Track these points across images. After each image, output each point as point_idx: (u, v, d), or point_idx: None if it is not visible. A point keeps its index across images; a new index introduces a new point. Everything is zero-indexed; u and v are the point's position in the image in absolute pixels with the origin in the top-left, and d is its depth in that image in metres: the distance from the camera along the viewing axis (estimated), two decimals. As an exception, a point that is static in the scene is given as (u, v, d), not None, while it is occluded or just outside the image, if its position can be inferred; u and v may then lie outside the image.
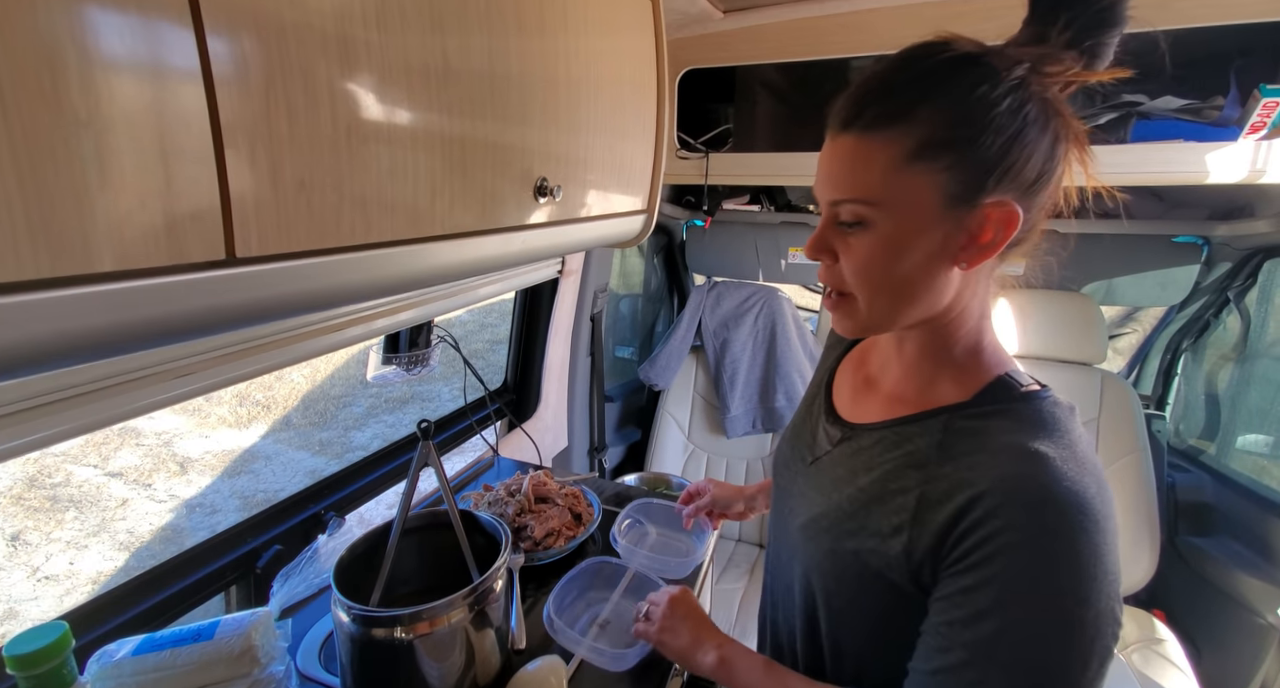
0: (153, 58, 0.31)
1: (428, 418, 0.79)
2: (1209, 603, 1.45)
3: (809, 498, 0.58)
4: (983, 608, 0.42)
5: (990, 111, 0.42)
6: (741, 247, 2.00)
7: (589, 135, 0.79)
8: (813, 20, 1.19)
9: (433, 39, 0.50)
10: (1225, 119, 1.04)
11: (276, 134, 0.38)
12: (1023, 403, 0.48)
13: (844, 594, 0.53)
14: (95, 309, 0.30)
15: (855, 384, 0.62)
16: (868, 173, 0.45)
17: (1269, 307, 1.58)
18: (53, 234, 0.28)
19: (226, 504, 4.30)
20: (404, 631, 0.63)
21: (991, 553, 0.42)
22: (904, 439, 0.52)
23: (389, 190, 0.48)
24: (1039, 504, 0.41)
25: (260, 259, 0.38)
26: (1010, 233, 0.44)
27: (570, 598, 0.88)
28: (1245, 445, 1.63)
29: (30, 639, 0.52)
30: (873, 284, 0.48)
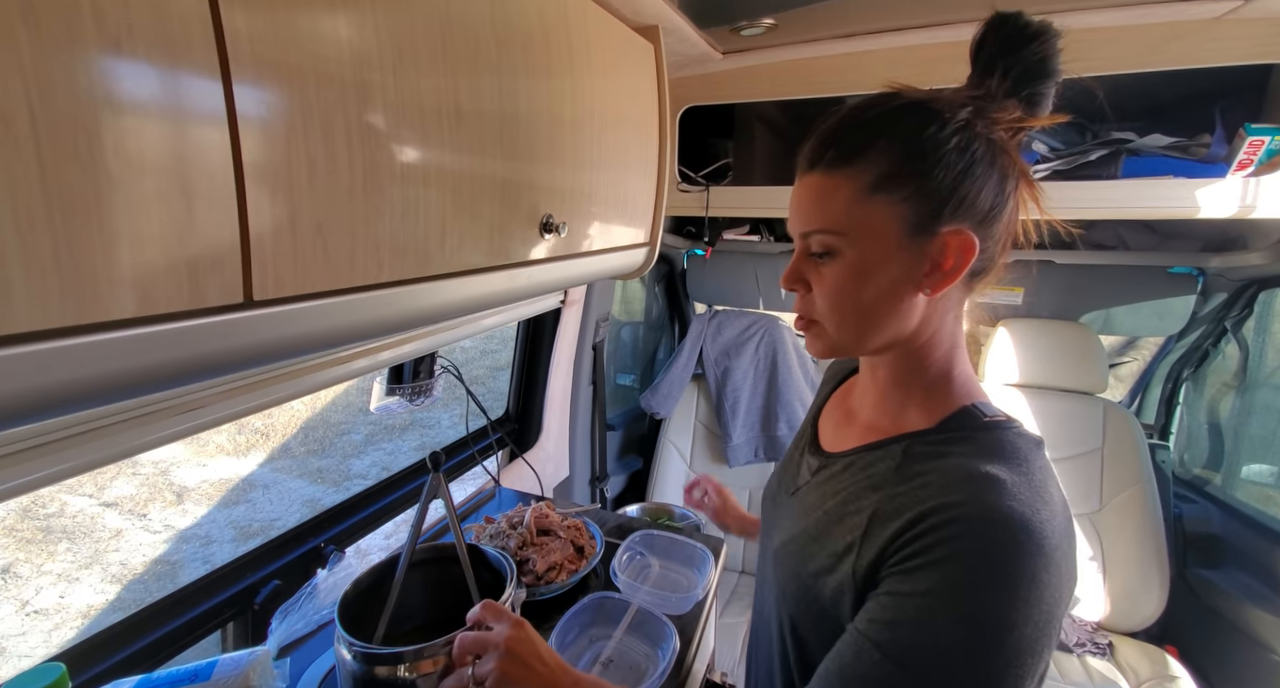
0: (182, 114, 0.32)
1: (427, 446, 0.79)
2: (1223, 638, 1.42)
3: (784, 526, 0.59)
4: (906, 615, 0.42)
5: (939, 148, 0.45)
6: (742, 275, 2.03)
7: (593, 172, 0.81)
8: (807, 61, 1.23)
9: (445, 81, 0.52)
10: (1213, 156, 1.07)
11: (297, 182, 0.39)
12: (985, 432, 0.49)
13: (806, 622, 0.53)
14: (118, 354, 0.31)
15: (838, 417, 0.64)
16: (833, 205, 0.48)
17: (1266, 336, 1.59)
18: (82, 283, 0.29)
19: (222, 535, 4.23)
20: (407, 669, 0.62)
21: (925, 563, 0.42)
22: (869, 464, 0.53)
23: (401, 231, 0.49)
24: (980, 519, 0.41)
25: (276, 301, 0.39)
26: (969, 259, 0.47)
27: (572, 635, 0.86)
28: (1250, 476, 1.62)
29: (28, 681, 0.51)
30: (842, 310, 0.50)
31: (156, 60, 0.31)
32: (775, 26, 1.07)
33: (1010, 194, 0.48)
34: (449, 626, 0.65)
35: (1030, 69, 0.47)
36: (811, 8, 0.98)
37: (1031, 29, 0.47)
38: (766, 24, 1.05)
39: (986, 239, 0.48)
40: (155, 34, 0.30)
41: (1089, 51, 1.05)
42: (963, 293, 0.52)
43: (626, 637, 0.87)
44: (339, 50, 0.42)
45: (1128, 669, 1.42)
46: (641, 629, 0.88)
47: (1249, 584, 1.39)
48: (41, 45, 0.27)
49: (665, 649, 0.83)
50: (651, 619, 0.88)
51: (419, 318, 0.55)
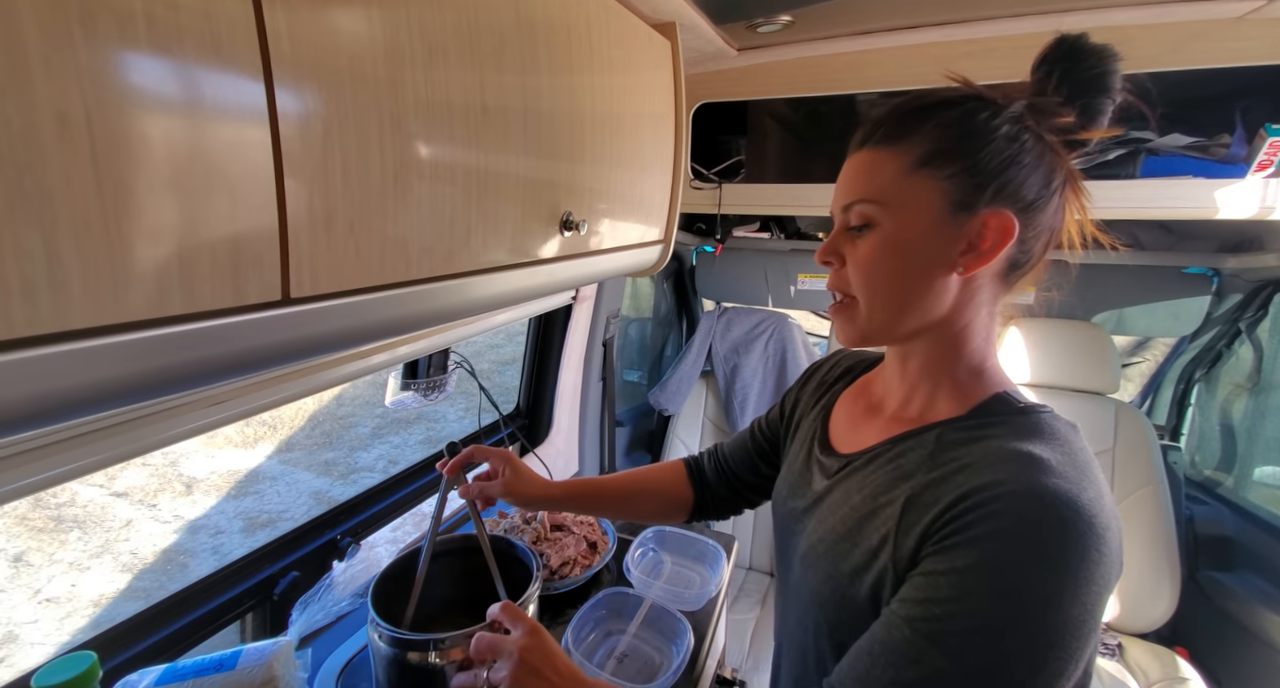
0: (228, 117, 0.33)
1: (434, 439, 0.80)
2: (1233, 641, 1.41)
3: (808, 530, 0.58)
4: (940, 592, 0.41)
5: (990, 133, 0.47)
6: (752, 273, 2.02)
7: (611, 169, 0.82)
8: (822, 58, 1.23)
9: (472, 79, 0.52)
10: (1232, 157, 1.06)
11: (332, 182, 0.39)
12: (1020, 416, 0.48)
13: (844, 626, 0.50)
14: (165, 350, 0.32)
15: (855, 415, 0.62)
16: (879, 177, 0.49)
17: (1281, 339, 1.58)
18: (134, 281, 0.30)
19: (231, 525, 4.28)
20: (438, 656, 0.63)
21: (963, 540, 0.41)
22: (897, 455, 0.52)
23: (428, 230, 0.50)
24: (1024, 496, 0.40)
25: (311, 299, 0.40)
26: (1006, 241, 0.47)
27: (587, 629, 0.87)
28: (1263, 478, 1.61)
29: (60, 670, 0.52)
30: (874, 283, 0.50)
31: (204, 63, 0.31)
32: (792, 23, 1.06)
33: (1056, 191, 0.49)
34: (477, 612, 0.66)
35: (1087, 81, 0.48)
36: (828, 4, 0.98)
37: (1092, 47, 0.49)
38: (783, 21, 1.05)
39: (1026, 228, 0.48)
40: (202, 38, 0.31)
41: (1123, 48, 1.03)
42: (998, 287, 0.52)
43: (640, 632, 0.88)
44: (374, 50, 0.42)
45: (1137, 671, 1.42)
46: (655, 625, 0.89)
47: (1261, 587, 1.39)
48: (97, 48, 0.27)
49: (680, 646, 0.84)
50: (665, 615, 0.89)
51: (443, 314, 0.56)
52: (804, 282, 2.02)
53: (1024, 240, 0.48)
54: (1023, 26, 1.06)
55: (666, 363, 2.41)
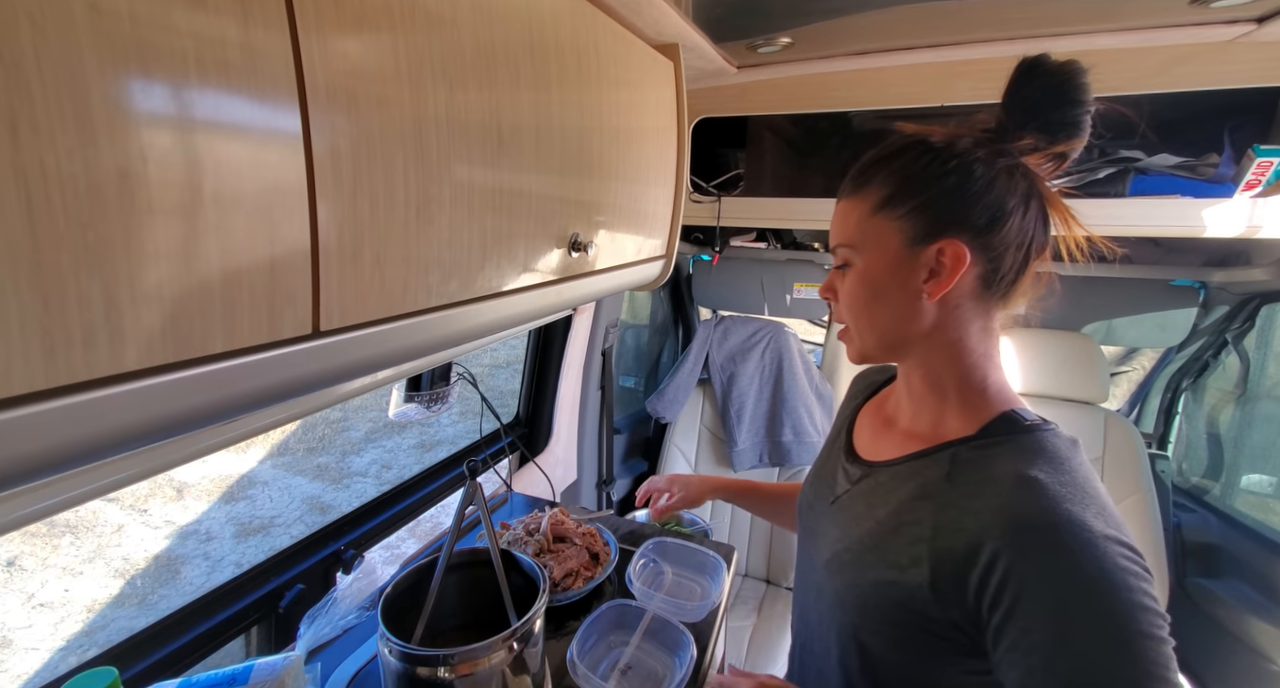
0: (270, 160, 0.34)
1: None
2: (1221, 647, 1.44)
3: (831, 535, 0.62)
4: (1048, 648, 0.43)
5: (933, 174, 0.53)
6: (748, 282, 2.05)
7: (618, 188, 0.83)
8: (820, 76, 1.25)
9: (489, 110, 0.54)
10: (1220, 176, 1.09)
11: (360, 216, 0.41)
12: (1025, 435, 0.52)
13: (869, 627, 0.55)
14: (207, 387, 0.33)
15: (875, 426, 0.67)
16: (849, 223, 0.58)
17: (1268, 350, 1.62)
18: (180, 321, 0.31)
19: (222, 531, 4.25)
20: (447, 671, 0.64)
21: (1020, 592, 0.45)
22: (915, 473, 0.56)
23: (447, 257, 0.51)
24: (1037, 530, 0.45)
25: (339, 330, 0.41)
26: (960, 266, 0.53)
27: (591, 642, 0.88)
28: (1249, 486, 1.64)
29: (82, 685, 0.53)
30: (856, 313, 0.59)
31: (248, 99, 0.33)
32: (791, 44, 1.09)
33: (1014, 210, 0.53)
34: (482, 625, 0.67)
35: (1050, 97, 0.52)
36: (827, 25, 1.00)
37: (1051, 64, 0.53)
38: (783, 42, 1.07)
39: (985, 249, 0.53)
40: (247, 77, 0.32)
41: (1099, 73, 1.07)
42: (980, 304, 0.56)
43: (644, 643, 0.89)
44: (399, 81, 0.43)
45: (1126, 676, 1.45)
46: (658, 636, 0.90)
47: (1248, 594, 1.42)
48: (155, 100, 0.28)
49: (683, 657, 0.85)
50: (668, 627, 0.90)
51: (459, 339, 0.57)
52: (800, 291, 2.04)
53: (989, 259, 0.53)
54: (1015, 49, 1.09)
55: (663, 370, 2.43)
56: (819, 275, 2.01)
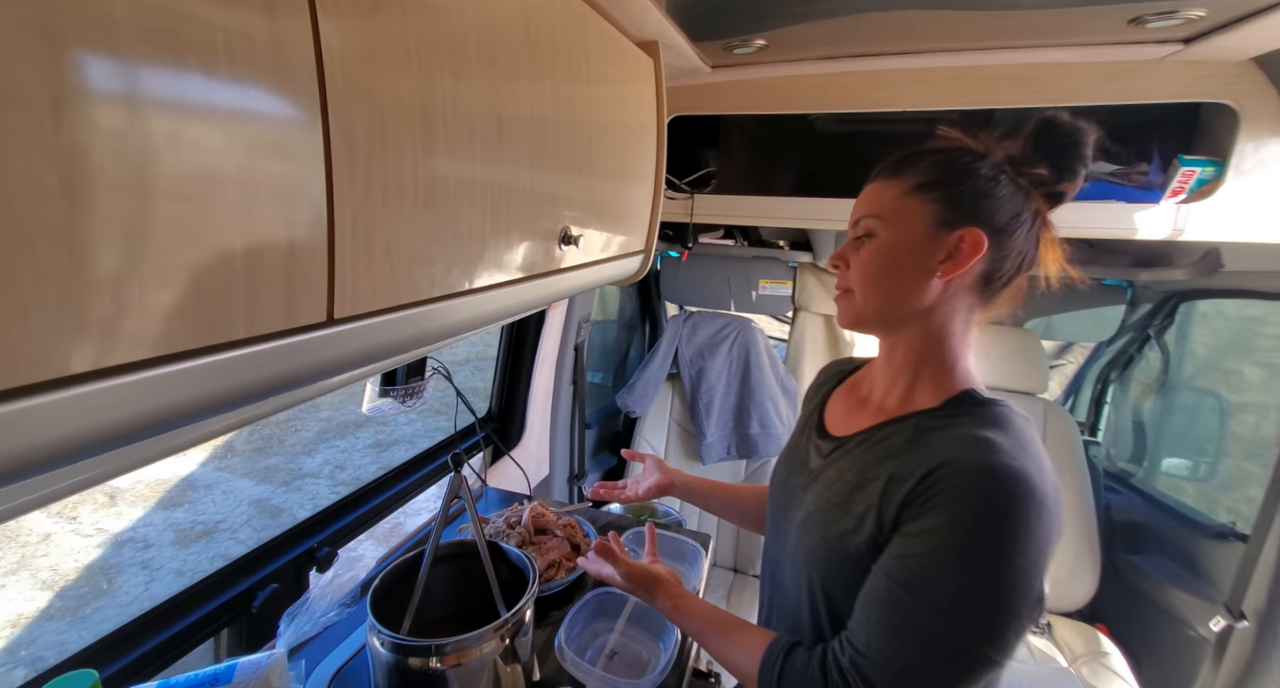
0: (292, 151, 0.34)
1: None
2: (1147, 617, 1.58)
3: (804, 503, 0.67)
4: (914, 549, 0.51)
5: (970, 172, 0.59)
6: (715, 278, 2.09)
7: (604, 183, 0.84)
8: (791, 78, 1.29)
9: (490, 103, 0.54)
10: (1150, 183, 1.19)
11: (373, 209, 0.41)
12: (983, 407, 0.59)
13: (834, 579, 0.61)
14: (229, 373, 0.33)
15: (848, 406, 0.72)
16: (881, 199, 0.62)
17: (1186, 344, 1.78)
18: (205, 308, 0.31)
19: (161, 538, 4.02)
20: (438, 661, 0.64)
21: (932, 507, 0.51)
22: (881, 439, 0.62)
23: (450, 248, 0.51)
24: (978, 471, 0.51)
25: (352, 319, 0.41)
26: (977, 253, 0.58)
27: (577, 629, 0.89)
28: (1169, 469, 1.80)
29: (63, 686, 0.51)
30: (868, 278, 0.63)
31: (273, 100, 0.33)
32: (765, 47, 1.12)
33: (1025, 223, 0.60)
34: (472, 618, 0.68)
35: (1060, 149, 0.60)
36: (802, 28, 1.03)
37: (1066, 124, 0.60)
38: (758, 44, 1.10)
39: (997, 248, 0.59)
40: (274, 69, 0.32)
41: (1047, 86, 1.15)
42: (974, 298, 0.62)
43: (628, 629, 0.91)
44: (410, 72, 0.44)
45: (1064, 646, 1.57)
46: (641, 622, 0.93)
47: (1170, 568, 1.56)
48: (187, 89, 0.28)
49: (667, 641, 0.88)
50: (650, 612, 0.93)
51: (457, 329, 0.57)
52: (765, 287, 2.10)
53: (995, 258, 0.59)
54: (972, 59, 1.16)
55: (630, 365, 2.45)
56: (784, 272, 2.07)
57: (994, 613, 0.48)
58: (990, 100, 1.18)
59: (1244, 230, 1.10)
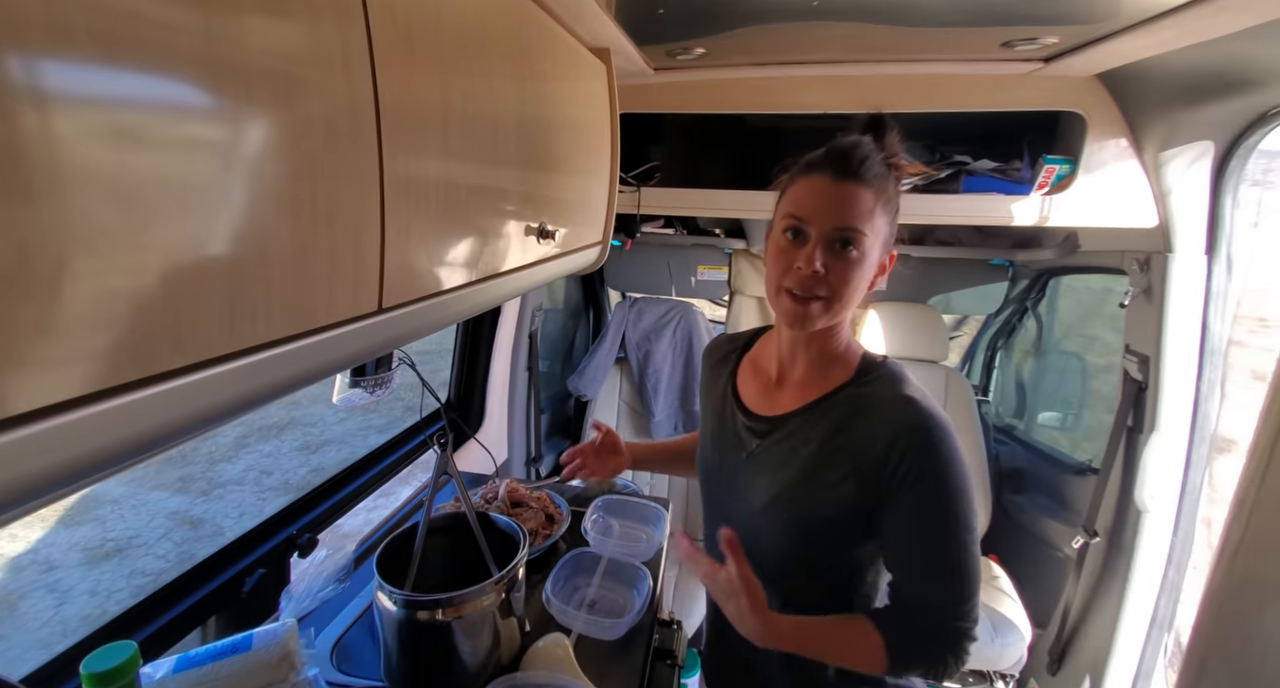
0: (360, 182, 0.42)
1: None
2: (1026, 544, 1.88)
3: (758, 484, 0.74)
4: (931, 514, 0.65)
5: (897, 192, 0.70)
6: (656, 266, 2.21)
7: (571, 178, 0.93)
8: (727, 82, 1.42)
9: (490, 105, 0.62)
10: (1022, 178, 1.42)
11: (414, 218, 0.49)
12: (882, 368, 0.72)
13: (810, 540, 0.71)
14: (315, 354, 0.40)
15: (760, 386, 0.79)
16: (863, 210, 0.65)
17: (1054, 314, 2.09)
18: (304, 305, 0.38)
19: (67, 558, 3.71)
20: (444, 613, 0.72)
21: (916, 475, 0.64)
22: (823, 414, 0.71)
23: (459, 248, 0.59)
24: (927, 430, 0.64)
25: (394, 307, 0.49)
26: (892, 263, 0.71)
27: (559, 584, 0.99)
28: (1044, 421, 2.12)
29: (105, 658, 0.55)
30: (849, 291, 0.67)
31: (348, 141, 0.40)
32: (705, 54, 1.23)
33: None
34: (466, 584, 0.75)
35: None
36: (736, 37, 1.15)
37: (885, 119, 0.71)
38: (698, 52, 1.21)
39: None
40: (350, 115, 0.39)
41: (940, 92, 1.34)
42: None
43: (604, 583, 1.02)
44: (433, 91, 0.51)
45: (965, 574, 1.83)
46: (617, 576, 1.04)
47: (1043, 502, 1.86)
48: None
49: (640, 589, 0.99)
50: (625, 567, 1.04)
51: (458, 317, 0.65)
52: (703, 273, 2.24)
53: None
54: (878, 70, 1.32)
55: (576, 353, 2.53)
56: (720, 258, 2.22)
57: (970, 518, 0.65)
58: (897, 104, 1.35)
59: (1093, 217, 1.33)
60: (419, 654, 0.75)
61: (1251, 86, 0.99)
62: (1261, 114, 1.05)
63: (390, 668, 0.78)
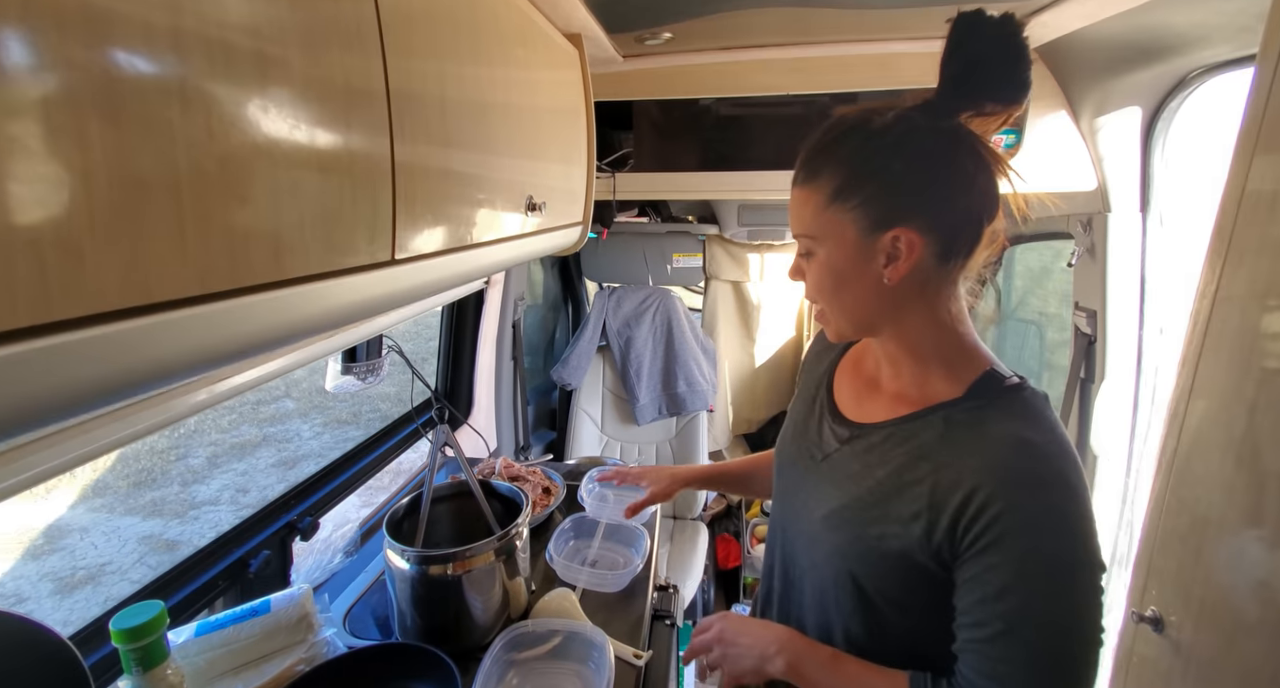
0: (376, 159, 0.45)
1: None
2: None
3: (825, 492, 0.64)
4: (1007, 583, 0.50)
5: (882, 161, 0.53)
6: (632, 255, 2.26)
7: (552, 157, 0.98)
8: (694, 67, 1.48)
9: (481, 91, 0.66)
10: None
11: (419, 179, 0.53)
12: (1009, 395, 0.56)
13: (867, 572, 0.59)
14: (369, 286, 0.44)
15: (857, 386, 0.68)
16: (805, 214, 0.58)
17: (1010, 282, 2.21)
18: (340, 241, 0.42)
19: (37, 590, 3.58)
20: (453, 568, 0.76)
21: (1001, 534, 0.50)
22: (910, 435, 0.58)
23: (465, 211, 0.63)
24: (1031, 486, 0.50)
25: (407, 260, 0.53)
26: (916, 250, 0.54)
27: (561, 546, 1.03)
28: (1008, 384, 2.23)
29: (133, 615, 0.57)
30: (825, 298, 0.60)
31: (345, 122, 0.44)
32: (672, 38, 1.29)
33: (962, 184, 0.54)
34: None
35: (986, 58, 0.52)
36: (702, 22, 1.21)
37: (990, 20, 0.52)
38: (665, 37, 1.27)
39: (938, 227, 0.53)
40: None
41: (897, 70, 1.41)
42: (944, 273, 0.57)
43: (604, 543, 1.06)
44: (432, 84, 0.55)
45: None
46: (615, 536, 1.08)
47: None
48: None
49: (640, 548, 1.04)
50: (623, 528, 1.08)
51: (475, 274, 0.69)
52: (679, 260, 2.30)
53: (942, 235, 0.54)
54: (839, 50, 1.40)
55: (558, 346, 2.56)
56: (695, 245, 2.28)
57: (1090, 597, 0.51)
58: (855, 84, 1.42)
59: (1039, 183, 1.42)
60: (432, 610, 0.78)
61: (1170, 53, 1.08)
62: (1181, 79, 1.15)
63: (405, 627, 0.80)
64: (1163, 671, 0.76)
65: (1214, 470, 0.70)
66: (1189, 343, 0.74)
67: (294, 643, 0.71)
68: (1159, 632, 0.77)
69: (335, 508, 1.17)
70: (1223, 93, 1.13)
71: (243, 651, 0.68)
